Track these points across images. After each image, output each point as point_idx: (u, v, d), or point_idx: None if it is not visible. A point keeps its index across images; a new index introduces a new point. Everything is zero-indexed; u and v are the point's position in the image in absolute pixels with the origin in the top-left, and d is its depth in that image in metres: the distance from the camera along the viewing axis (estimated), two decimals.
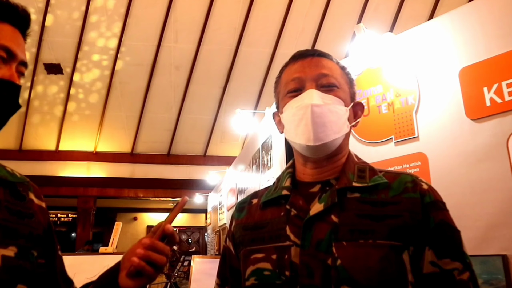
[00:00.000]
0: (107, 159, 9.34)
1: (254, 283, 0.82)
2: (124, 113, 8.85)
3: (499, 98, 1.49)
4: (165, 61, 8.15)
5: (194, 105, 8.78)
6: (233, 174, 4.77)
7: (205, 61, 8.18)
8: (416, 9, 7.55)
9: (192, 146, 9.53)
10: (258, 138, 3.34)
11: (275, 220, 0.85)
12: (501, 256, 1.40)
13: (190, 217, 13.20)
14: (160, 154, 9.54)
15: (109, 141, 9.24)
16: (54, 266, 0.87)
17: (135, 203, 11.88)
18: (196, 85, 8.49)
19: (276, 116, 0.96)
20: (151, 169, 9.45)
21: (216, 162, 9.09)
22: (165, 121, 9.04)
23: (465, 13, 1.67)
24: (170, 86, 8.50)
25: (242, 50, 8.11)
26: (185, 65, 8.25)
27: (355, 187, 0.82)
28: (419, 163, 1.68)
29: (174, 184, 9.36)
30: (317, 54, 0.90)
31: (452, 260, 0.76)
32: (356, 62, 2.00)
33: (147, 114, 8.86)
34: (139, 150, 9.44)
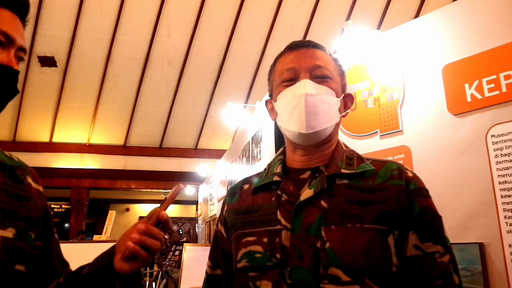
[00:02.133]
0: (100, 151, 9.28)
1: (246, 265, 0.83)
2: (117, 106, 8.78)
3: (479, 94, 1.51)
4: (158, 55, 8.09)
5: (186, 99, 8.75)
6: (224, 166, 4.77)
7: (197, 56, 8.14)
8: (402, 8, 7.60)
9: (183, 139, 9.50)
10: (248, 131, 3.35)
11: (266, 205, 0.86)
12: (478, 244, 1.43)
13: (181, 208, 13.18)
14: (152, 147, 9.51)
15: (102, 133, 9.16)
16: (51, 248, 0.87)
17: (127, 195, 11.83)
18: (188, 80, 8.45)
19: (269, 103, 0.96)
20: (143, 161, 9.42)
21: (207, 155, 9.09)
22: (157, 115, 8.99)
23: (449, 12, 1.68)
24: (162, 80, 8.45)
25: (234, 46, 8.08)
26: (178, 59, 8.20)
27: (343, 174, 0.83)
28: (403, 155, 1.70)
29: (166, 176, 9.34)
30: (311, 46, 0.91)
31: (434, 243, 0.79)
32: (344, 58, 2.01)
33: (140, 108, 8.80)
34: (132, 142, 9.39)
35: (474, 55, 1.55)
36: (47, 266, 0.85)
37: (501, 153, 1.43)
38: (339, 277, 0.74)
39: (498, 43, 1.49)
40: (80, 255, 1.01)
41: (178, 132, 9.34)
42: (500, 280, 1.37)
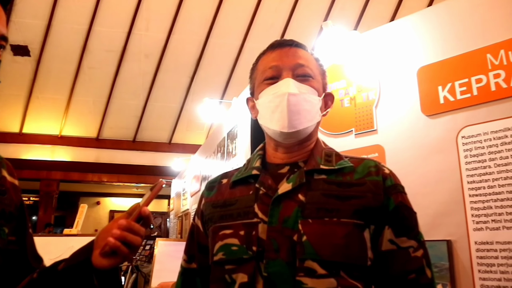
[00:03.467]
0: (72, 143, 9.02)
1: (222, 257, 0.82)
2: (92, 98, 8.55)
3: (452, 97, 1.54)
4: (135, 48, 7.93)
5: (162, 93, 8.61)
6: (198, 161, 4.72)
7: (175, 50, 8.03)
8: (379, 10, 7.73)
9: (158, 133, 9.36)
10: (224, 127, 3.32)
11: (244, 198, 0.85)
12: (446, 241, 1.46)
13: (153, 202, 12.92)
14: (126, 140, 9.32)
15: (75, 125, 8.91)
16: (25, 243, 0.83)
17: (98, 188, 11.57)
18: (164, 74, 8.32)
19: (250, 101, 0.96)
20: (117, 154, 9.22)
21: (181, 150, 8.98)
22: (132, 108, 8.82)
23: (425, 16, 1.71)
24: (139, 73, 8.29)
25: (212, 42, 8.01)
26: (155, 53, 8.06)
27: (322, 169, 0.84)
28: (377, 154, 1.72)
29: (139, 170, 9.19)
30: (294, 45, 0.91)
31: (408, 238, 0.80)
32: (322, 57, 2.01)
33: (115, 100, 8.60)
34: (105, 135, 9.18)
35: (447, 59, 1.58)
36: (20, 261, 0.82)
37: (470, 154, 1.46)
38: (315, 270, 0.74)
39: (470, 48, 1.52)
40: (48, 249, 0.97)
41: (152, 126, 9.19)
42: (465, 276, 1.41)
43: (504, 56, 1.43)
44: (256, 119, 0.95)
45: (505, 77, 1.42)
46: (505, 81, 1.42)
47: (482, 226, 1.40)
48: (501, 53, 1.44)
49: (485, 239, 1.38)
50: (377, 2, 7.76)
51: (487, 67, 1.46)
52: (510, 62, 1.42)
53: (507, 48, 1.43)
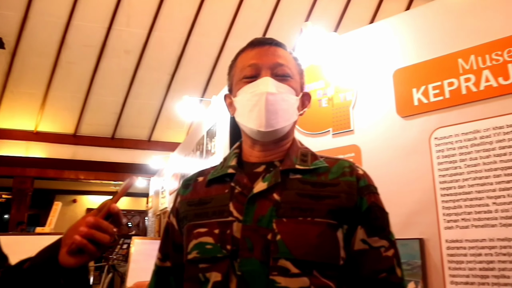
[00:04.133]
0: (48, 139, 8.80)
1: (196, 256, 0.82)
2: (69, 94, 8.37)
3: (425, 99, 1.58)
4: (115, 44, 7.80)
5: (142, 90, 8.51)
6: (177, 159, 4.69)
7: (155, 47, 7.94)
8: (359, 12, 7.85)
9: (137, 130, 9.25)
10: (203, 125, 3.31)
11: (219, 197, 0.85)
12: (418, 240, 1.50)
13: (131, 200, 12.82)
14: (104, 137, 9.16)
15: (51, 121, 8.69)
16: None
17: (75, 185, 11.34)
18: (145, 71, 8.23)
19: (227, 98, 0.95)
20: (94, 151, 9.06)
21: (161, 147, 8.90)
22: (111, 104, 8.68)
23: (401, 20, 1.75)
24: (118, 69, 8.16)
25: (193, 40, 7.97)
26: (135, 49, 7.95)
27: (297, 169, 0.84)
28: (353, 154, 1.75)
29: (117, 168, 9.05)
30: (274, 44, 0.91)
31: (380, 238, 0.82)
32: (301, 57, 2.03)
33: (93, 96, 8.45)
34: (83, 132, 9.00)
35: (422, 62, 1.62)
36: None
37: (442, 154, 1.50)
38: (288, 269, 0.74)
39: (443, 52, 1.57)
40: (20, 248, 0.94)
41: (132, 123, 9.07)
42: (436, 273, 1.45)
43: (474, 61, 1.48)
44: (234, 117, 0.94)
45: (475, 81, 1.47)
46: (475, 85, 1.47)
47: (452, 224, 1.44)
48: (472, 58, 1.49)
49: (455, 237, 1.43)
50: (357, 5, 7.88)
51: (459, 71, 1.51)
52: (479, 67, 1.47)
53: (477, 54, 1.48)
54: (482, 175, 1.41)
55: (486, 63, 1.46)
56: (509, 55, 1.42)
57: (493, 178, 1.38)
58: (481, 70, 1.47)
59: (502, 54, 1.43)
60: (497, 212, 1.36)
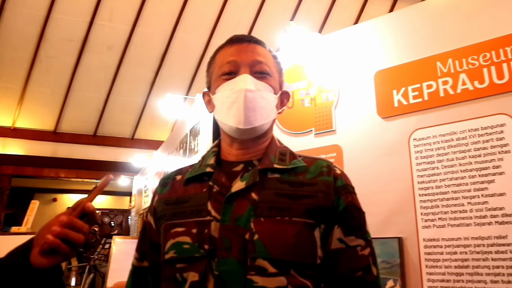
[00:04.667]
0: (26, 136, 8.61)
1: (173, 256, 0.81)
2: (49, 89, 8.21)
3: (405, 100, 1.63)
4: (97, 39, 7.69)
5: (125, 87, 8.41)
6: (160, 157, 4.67)
7: (139, 43, 7.86)
8: (343, 14, 7.92)
9: (120, 128, 9.14)
10: (187, 123, 3.31)
11: (197, 196, 0.85)
12: (397, 239, 1.54)
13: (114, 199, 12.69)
14: (86, 134, 9.03)
15: (30, 117, 8.51)
16: None
17: (55, 184, 11.14)
18: (128, 67, 8.13)
19: (206, 95, 0.95)
20: (76, 149, 8.91)
21: (144, 146, 8.82)
22: (93, 101, 8.55)
23: (383, 22, 1.79)
24: (101, 65, 8.05)
25: (177, 36, 7.92)
26: (118, 45, 7.85)
27: (275, 168, 0.85)
28: (335, 154, 1.78)
29: (99, 166, 8.92)
30: (253, 41, 0.91)
31: (356, 237, 0.83)
32: (285, 57, 2.06)
33: (74, 92, 8.31)
34: (63, 128, 8.84)
35: (402, 64, 1.66)
36: None
37: (421, 155, 1.55)
38: (265, 269, 0.75)
39: (423, 55, 1.62)
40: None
41: (114, 121, 8.96)
42: (414, 271, 1.50)
43: (452, 64, 1.53)
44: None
45: (452, 84, 1.52)
46: (452, 88, 1.52)
47: (430, 224, 1.49)
48: (449, 62, 1.54)
49: (432, 236, 1.48)
50: (342, 7, 7.96)
51: (437, 74, 1.56)
52: (456, 70, 1.52)
53: (454, 57, 1.53)
54: (458, 176, 1.46)
55: (463, 66, 1.51)
56: (484, 60, 1.47)
57: (469, 179, 1.44)
58: (458, 73, 1.52)
59: (478, 58, 1.49)
60: (472, 211, 1.41)
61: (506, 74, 1.42)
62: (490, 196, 1.39)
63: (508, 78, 1.42)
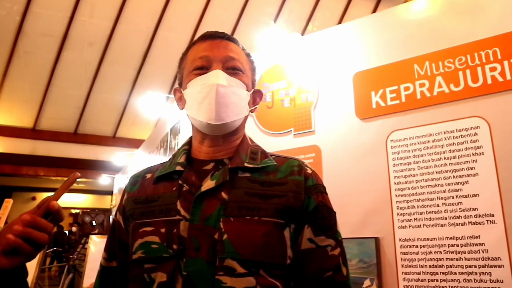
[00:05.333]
0: (3, 133, 8.41)
1: (141, 256, 0.79)
2: (28, 85, 8.03)
3: (383, 102, 1.64)
4: (78, 35, 7.55)
5: (106, 85, 8.29)
6: (141, 156, 4.62)
7: (121, 40, 7.75)
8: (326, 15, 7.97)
9: (101, 126, 9.00)
10: (168, 122, 3.28)
11: (166, 195, 0.83)
12: (374, 239, 1.55)
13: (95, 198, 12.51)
14: (66, 132, 8.87)
15: (7, 113, 8.31)
16: None
17: (34, 182, 10.92)
18: (109, 64, 8.01)
19: (177, 92, 0.93)
20: (55, 146, 8.75)
21: (126, 144, 8.71)
22: (73, 98, 8.40)
23: (363, 24, 1.81)
24: (81, 62, 7.91)
25: (160, 34, 7.84)
26: (99, 42, 7.73)
27: (246, 167, 0.84)
28: (314, 154, 1.79)
29: (80, 164, 8.77)
30: (226, 38, 0.90)
31: (326, 237, 0.82)
32: (265, 57, 2.06)
33: (54, 89, 8.15)
34: (43, 126, 8.66)
35: (380, 66, 1.68)
36: None
37: (398, 156, 1.57)
38: (234, 269, 0.74)
39: (400, 57, 1.63)
40: None
41: (96, 119, 8.82)
42: (390, 270, 1.51)
43: (429, 67, 1.55)
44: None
45: (428, 87, 1.54)
46: (429, 90, 1.54)
47: (406, 224, 1.51)
48: (426, 65, 1.56)
49: (408, 236, 1.50)
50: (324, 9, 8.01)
51: (414, 76, 1.58)
52: (433, 73, 1.54)
53: (431, 60, 1.55)
54: (434, 177, 1.48)
55: (440, 69, 1.53)
56: (460, 63, 1.50)
57: (444, 180, 1.46)
58: (434, 76, 1.54)
59: (453, 61, 1.51)
60: (447, 212, 1.43)
61: (481, 78, 1.45)
62: (464, 197, 1.41)
63: (482, 82, 1.44)
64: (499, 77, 1.41)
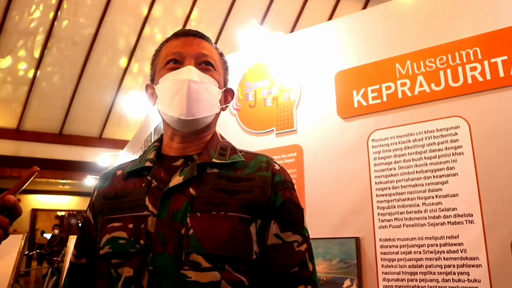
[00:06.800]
0: None
1: (109, 251, 0.79)
2: (11, 84, 7.87)
3: (364, 101, 1.63)
4: (62, 33, 7.43)
5: (92, 84, 8.17)
6: (126, 157, 4.55)
7: (106, 39, 7.65)
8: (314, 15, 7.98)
9: (87, 127, 8.87)
10: (151, 122, 3.24)
11: (135, 191, 0.84)
12: (354, 238, 1.54)
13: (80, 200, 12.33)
14: (51, 133, 8.71)
15: None
16: None
17: None
18: (94, 64, 7.90)
19: (149, 88, 0.93)
20: (40, 147, 8.58)
21: (112, 145, 8.59)
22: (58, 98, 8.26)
23: (345, 23, 1.80)
24: (65, 61, 7.78)
25: (146, 33, 7.76)
26: (84, 41, 7.62)
27: (214, 163, 0.84)
28: (295, 154, 1.77)
29: (65, 165, 8.64)
30: (199, 36, 0.91)
31: (293, 233, 0.82)
32: (248, 56, 2.03)
33: (37, 89, 8.00)
34: (26, 126, 8.50)
35: (362, 65, 1.67)
36: None
37: (379, 156, 1.56)
38: (199, 264, 0.74)
39: (382, 56, 1.62)
40: None
41: (80, 119, 8.69)
42: (371, 271, 1.50)
43: (410, 66, 1.54)
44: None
45: (410, 86, 1.53)
46: (410, 90, 1.53)
47: (386, 224, 1.50)
48: (408, 64, 1.55)
49: (388, 236, 1.48)
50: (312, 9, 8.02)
51: (396, 75, 1.57)
52: (414, 72, 1.53)
53: (413, 59, 1.54)
54: (414, 177, 1.47)
55: (421, 69, 1.52)
56: (441, 63, 1.49)
57: (424, 180, 1.45)
58: (416, 75, 1.53)
59: (435, 61, 1.50)
60: (426, 212, 1.42)
61: (461, 78, 1.45)
62: (443, 197, 1.41)
63: (463, 81, 1.44)
64: (479, 77, 1.41)
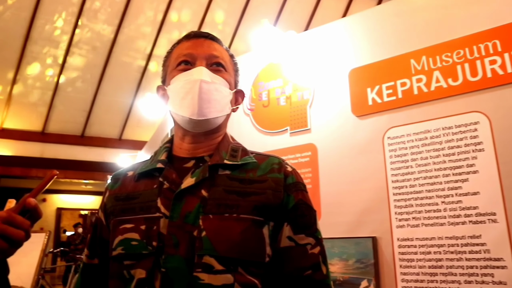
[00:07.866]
0: (14, 137, 8.41)
1: (121, 252, 0.78)
2: (37, 90, 8.02)
3: (379, 98, 1.56)
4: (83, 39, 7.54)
5: (112, 87, 8.26)
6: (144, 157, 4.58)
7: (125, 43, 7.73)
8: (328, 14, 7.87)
9: (107, 128, 8.99)
10: (168, 123, 3.23)
11: (147, 192, 0.82)
12: (371, 238, 1.48)
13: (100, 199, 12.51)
14: (73, 135, 8.86)
15: (18, 117, 8.31)
16: None
17: None
18: (114, 67, 7.99)
19: (160, 89, 0.92)
20: (63, 149, 8.74)
21: (131, 146, 8.67)
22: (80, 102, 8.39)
23: (358, 20, 1.73)
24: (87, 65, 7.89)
25: (162, 37, 7.80)
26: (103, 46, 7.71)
27: (226, 164, 0.82)
28: (310, 153, 1.72)
29: (87, 166, 8.76)
30: (210, 37, 0.90)
31: (306, 236, 0.80)
32: (261, 56, 1.99)
33: (61, 93, 8.14)
34: (51, 129, 8.66)
35: (376, 62, 1.60)
36: None
37: (395, 154, 1.49)
38: (212, 266, 0.72)
39: (396, 52, 1.56)
40: None
41: (101, 121, 8.81)
42: (389, 271, 1.44)
43: (426, 62, 1.47)
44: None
45: (426, 82, 1.46)
46: (426, 86, 1.46)
47: (404, 223, 1.43)
48: (423, 59, 1.48)
49: (406, 236, 1.42)
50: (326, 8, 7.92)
51: (411, 71, 1.50)
52: (430, 68, 1.46)
53: (428, 55, 1.47)
54: (432, 175, 1.40)
55: (437, 64, 1.45)
56: (458, 57, 1.42)
57: (443, 178, 1.38)
58: (432, 71, 1.46)
59: (451, 55, 1.43)
60: (446, 211, 1.35)
61: (480, 71, 1.37)
62: (464, 195, 1.34)
63: (481, 75, 1.36)
64: (499, 70, 1.33)
